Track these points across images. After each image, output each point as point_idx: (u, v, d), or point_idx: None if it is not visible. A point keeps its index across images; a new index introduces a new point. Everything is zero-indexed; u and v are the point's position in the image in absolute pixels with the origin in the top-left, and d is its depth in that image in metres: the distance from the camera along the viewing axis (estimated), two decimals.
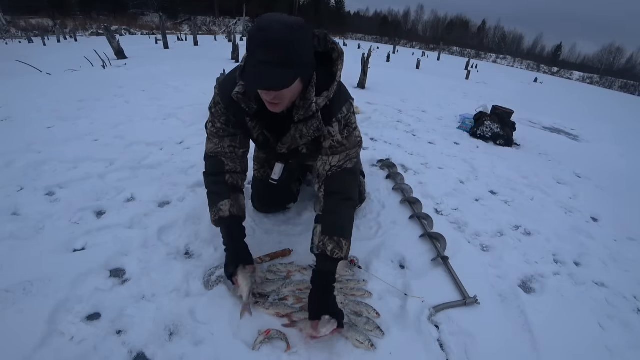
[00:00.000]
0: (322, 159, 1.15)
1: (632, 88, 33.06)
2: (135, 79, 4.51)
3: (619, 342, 1.15)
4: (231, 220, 1.14)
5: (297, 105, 1.05)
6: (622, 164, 3.39)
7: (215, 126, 1.18)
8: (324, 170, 1.14)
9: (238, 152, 1.21)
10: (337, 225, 1.08)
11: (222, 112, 1.15)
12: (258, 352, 0.94)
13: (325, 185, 1.13)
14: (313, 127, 1.08)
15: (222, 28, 29.92)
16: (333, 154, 1.13)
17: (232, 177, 1.19)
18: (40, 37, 13.11)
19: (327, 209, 1.10)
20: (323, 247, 1.05)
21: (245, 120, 1.14)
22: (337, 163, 1.13)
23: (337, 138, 1.12)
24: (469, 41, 55.67)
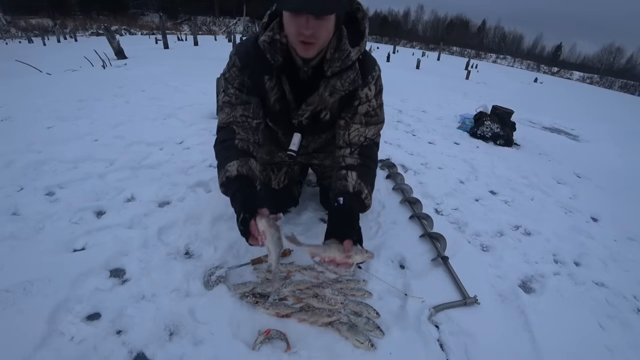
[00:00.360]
0: (358, 130, 1.15)
1: (632, 88, 33.08)
2: (135, 79, 4.51)
3: (619, 342, 1.15)
4: (240, 179, 1.02)
5: (331, 59, 1.02)
6: (622, 163, 3.39)
7: (227, 93, 1.12)
8: (358, 140, 1.15)
9: (251, 122, 1.12)
10: (371, 178, 1.14)
11: (236, 75, 1.09)
12: (258, 352, 0.94)
13: (360, 150, 1.15)
14: (349, 80, 1.06)
15: (222, 28, 29.93)
16: (368, 124, 1.15)
17: (243, 142, 1.09)
18: (40, 37, 13.13)
19: (362, 163, 1.13)
20: (360, 188, 1.07)
21: (263, 81, 1.09)
22: (372, 136, 1.18)
23: (373, 103, 1.14)
24: (469, 41, 55.66)
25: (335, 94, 1.08)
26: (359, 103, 1.12)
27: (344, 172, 1.11)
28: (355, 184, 1.08)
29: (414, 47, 44.30)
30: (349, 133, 1.15)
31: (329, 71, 1.04)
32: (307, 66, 1.05)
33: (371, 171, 1.16)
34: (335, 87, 1.07)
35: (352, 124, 1.15)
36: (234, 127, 1.10)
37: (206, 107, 3.19)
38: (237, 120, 1.11)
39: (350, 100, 1.12)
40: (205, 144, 2.34)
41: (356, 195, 1.07)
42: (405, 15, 68.31)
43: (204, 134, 2.56)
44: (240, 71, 1.09)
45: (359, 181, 1.08)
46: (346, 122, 1.16)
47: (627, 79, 39.16)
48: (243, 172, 1.03)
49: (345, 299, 1.12)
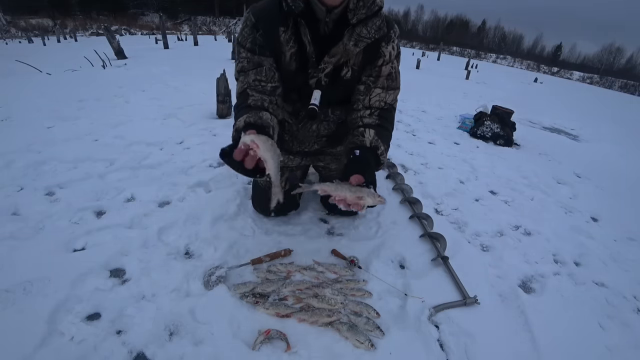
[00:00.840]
0: (379, 95, 1.16)
1: (632, 88, 33.07)
2: (135, 79, 4.51)
3: (619, 342, 1.15)
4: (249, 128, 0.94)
5: (355, 7, 1.01)
6: (622, 163, 3.38)
7: (240, 58, 1.10)
8: (379, 105, 1.17)
9: (265, 86, 1.09)
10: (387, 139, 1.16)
11: (248, 34, 1.07)
12: (258, 352, 0.94)
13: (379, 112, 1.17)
14: (375, 27, 1.06)
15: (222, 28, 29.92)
16: (389, 89, 1.17)
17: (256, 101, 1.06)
18: (40, 37, 13.12)
19: (381, 124, 1.14)
20: (377, 143, 1.08)
21: (277, 34, 1.05)
22: (391, 101, 1.20)
23: (395, 65, 1.17)
24: (469, 41, 55.68)
25: (361, 43, 1.06)
26: (383, 63, 1.13)
27: (361, 130, 1.11)
28: (373, 140, 1.08)
29: (414, 47, 44.29)
30: (369, 98, 1.16)
31: (355, 19, 1.03)
32: (329, 17, 1.03)
33: (388, 133, 1.18)
34: (361, 35, 1.05)
35: (374, 88, 1.15)
36: (248, 91, 1.08)
37: (206, 107, 3.19)
38: (251, 85, 1.09)
39: (374, 57, 1.12)
40: (206, 144, 2.34)
41: (373, 150, 1.07)
42: (405, 15, 68.33)
43: (204, 134, 2.56)
44: (253, 28, 1.07)
45: (376, 138, 1.09)
46: (367, 86, 1.16)
47: (627, 79, 39.16)
48: (251, 120, 0.97)
49: (345, 299, 1.13)
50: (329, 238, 1.46)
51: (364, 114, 1.16)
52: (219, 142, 2.40)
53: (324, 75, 1.13)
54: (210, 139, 2.44)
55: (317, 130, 1.36)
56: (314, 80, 1.14)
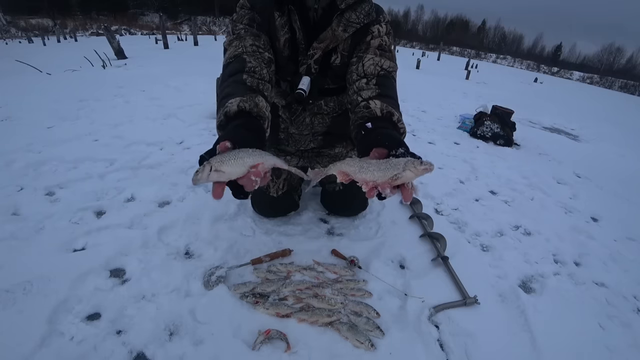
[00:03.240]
0: (372, 59, 1.04)
1: (632, 88, 33.08)
2: (135, 79, 4.52)
3: (619, 342, 1.15)
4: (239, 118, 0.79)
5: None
6: (622, 164, 3.39)
7: (235, 29, 1.04)
8: (374, 70, 1.04)
9: (263, 54, 1.01)
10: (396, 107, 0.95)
11: (246, 13, 1.05)
12: (258, 352, 0.94)
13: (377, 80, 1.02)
14: (364, 12, 1.05)
15: (222, 28, 29.92)
16: (382, 56, 1.06)
17: (252, 77, 0.92)
18: (40, 37, 13.12)
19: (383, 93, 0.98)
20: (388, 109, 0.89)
21: (273, 18, 1.05)
22: (388, 67, 1.06)
23: (386, 39, 1.09)
24: (469, 41, 55.66)
25: (350, 28, 1.05)
26: (372, 37, 1.07)
27: (364, 104, 0.94)
28: (383, 107, 0.90)
29: (414, 47, 44.30)
30: (362, 64, 1.04)
31: (344, 4, 1.02)
32: (317, 4, 1.04)
33: (395, 101, 1.00)
34: (350, 20, 1.04)
35: (365, 55, 1.05)
36: (244, 57, 0.97)
37: (206, 107, 3.19)
38: (248, 50, 0.99)
39: (363, 37, 1.09)
40: (206, 144, 2.34)
41: (387, 118, 0.88)
42: (405, 15, 68.36)
43: (204, 134, 2.56)
44: (251, 9, 1.05)
45: (385, 104, 0.91)
46: (359, 57, 1.07)
47: (627, 79, 39.16)
48: (245, 107, 0.80)
49: (345, 299, 1.13)
50: (329, 238, 1.46)
51: (360, 84, 1.02)
52: None
53: (313, 62, 1.11)
54: (210, 139, 2.44)
55: (312, 124, 1.33)
56: (303, 68, 1.12)
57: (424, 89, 6.33)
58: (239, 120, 0.78)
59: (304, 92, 1.06)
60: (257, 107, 0.82)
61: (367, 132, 0.82)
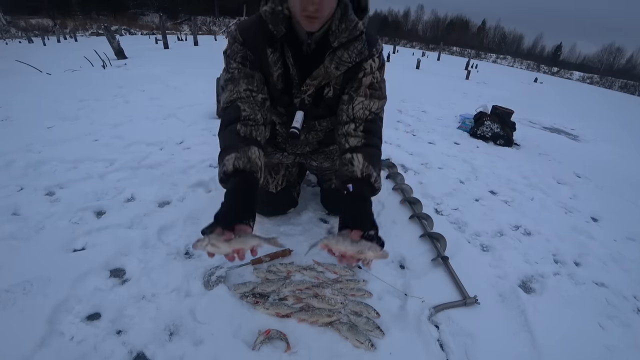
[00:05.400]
0: (362, 102, 1.10)
1: (632, 88, 33.09)
2: (135, 79, 4.52)
3: (619, 342, 1.15)
4: (236, 175, 0.93)
5: (336, 30, 1.01)
6: (622, 164, 3.39)
7: (229, 69, 1.07)
8: (363, 114, 1.10)
9: (257, 97, 1.06)
10: (378, 159, 1.07)
11: (239, 49, 1.06)
12: (258, 352, 0.94)
13: (365, 126, 1.10)
14: (356, 51, 1.05)
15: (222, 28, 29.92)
16: (372, 97, 1.11)
17: (246, 126, 1.01)
18: (40, 37, 13.12)
19: (367, 143, 1.07)
20: (368, 171, 1.01)
21: (266, 54, 1.06)
22: (376, 110, 1.13)
23: (377, 76, 1.11)
24: (469, 41, 55.66)
25: (342, 66, 1.06)
26: (364, 75, 1.10)
27: (349, 156, 1.05)
28: (363, 168, 1.02)
29: (414, 47, 44.30)
30: (352, 107, 1.10)
31: (336, 42, 1.02)
32: (310, 39, 1.04)
33: (377, 151, 1.10)
34: (342, 59, 1.05)
35: (356, 97, 1.10)
36: (239, 104, 1.04)
37: (206, 107, 3.19)
38: (242, 96, 1.05)
39: (355, 74, 1.10)
40: (205, 144, 2.34)
41: (365, 180, 1.01)
42: (405, 15, 68.38)
43: (204, 134, 2.56)
44: (243, 45, 1.06)
45: (366, 164, 1.02)
46: (350, 96, 1.12)
47: (627, 79, 39.17)
48: (240, 165, 0.93)
49: (345, 299, 1.13)
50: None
51: (348, 129, 1.10)
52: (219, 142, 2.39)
53: (307, 96, 1.14)
54: (210, 139, 2.44)
55: (306, 139, 1.37)
56: (297, 100, 1.15)
57: (424, 89, 6.33)
58: (236, 177, 0.93)
59: (298, 130, 1.14)
60: (250, 162, 0.95)
61: (348, 196, 0.99)
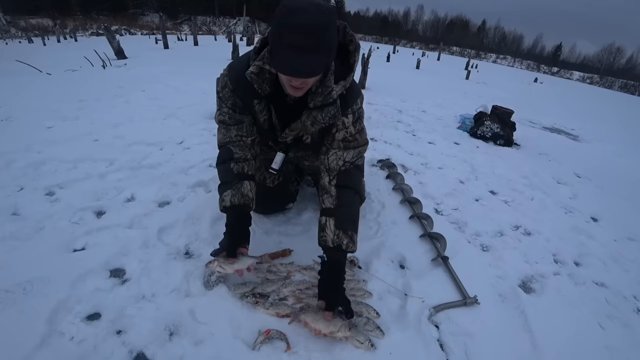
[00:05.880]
0: (336, 154, 1.15)
1: (632, 88, 33.06)
2: (135, 79, 4.51)
3: (619, 342, 1.15)
4: (232, 210, 1.13)
5: (314, 92, 1.03)
6: (622, 164, 3.38)
7: (222, 112, 1.17)
8: (336, 165, 1.15)
9: (246, 140, 1.19)
10: (350, 220, 1.12)
11: (229, 96, 1.14)
12: (258, 352, 0.94)
13: (338, 179, 1.14)
14: (329, 115, 1.08)
15: (222, 28, 29.93)
16: (346, 148, 1.15)
17: (238, 164, 1.17)
18: (40, 37, 13.13)
19: (340, 203, 1.12)
20: (338, 240, 1.07)
21: (253, 103, 1.13)
22: (351, 159, 1.17)
23: (350, 130, 1.15)
24: (469, 41, 55.66)
25: (316, 125, 1.11)
26: (337, 130, 1.14)
27: (323, 221, 1.11)
28: (334, 237, 1.07)
29: (414, 47, 44.29)
30: (327, 158, 1.16)
31: (312, 104, 1.06)
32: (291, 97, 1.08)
33: (351, 210, 1.14)
34: (316, 119, 1.09)
35: (330, 149, 1.16)
36: (231, 147, 1.17)
37: (206, 107, 3.19)
38: (233, 141, 1.18)
39: (330, 128, 1.15)
40: (206, 144, 2.34)
41: (337, 248, 1.07)
42: (405, 15, 68.33)
43: (204, 134, 2.56)
44: (233, 92, 1.13)
45: (337, 231, 1.07)
46: (326, 147, 1.18)
47: (627, 79, 39.15)
48: (235, 202, 1.12)
49: None
50: None
51: (324, 183, 1.16)
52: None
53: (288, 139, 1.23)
54: (210, 139, 2.44)
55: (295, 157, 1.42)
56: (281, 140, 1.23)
57: (424, 89, 6.33)
58: (233, 211, 1.13)
59: (276, 171, 1.29)
60: (243, 197, 1.14)
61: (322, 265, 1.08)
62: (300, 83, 0.92)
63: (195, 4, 33.31)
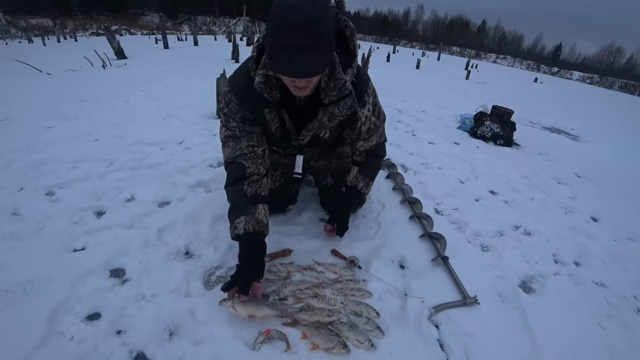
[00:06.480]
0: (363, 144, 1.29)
1: (632, 88, 33.05)
2: (135, 79, 4.51)
3: (619, 342, 1.15)
4: (246, 238, 1.07)
5: (326, 87, 1.02)
6: (622, 164, 3.38)
7: (229, 127, 1.11)
8: (364, 148, 1.31)
9: (257, 151, 1.13)
10: (370, 170, 1.36)
11: (237, 110, 1.09)
12: (258, 352, 0.94)
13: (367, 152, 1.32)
14: (346, 106, 1.08)
15: (222, 28, 29.93)
16: (371, 136, 1.26)
17: (251, 185, 1.10)
18: (40, 37, 13.12)
19: (367, 162, 1.34)
20: (356, 182, 1.33)
21: (263, 114, 1.09)
22: (377, 141, 1.32)
23: (373, 120, 1.21)
24: (469, 41, 55.65)
25: (334, 119, 1.11)
26: (361, 125, 1.19)
27: (351, 166, 1.36)
28: (353, 179, 1.33)
29: (414, 47, 44.29)
30: (357, 147, 1.32)
31: (326, 99, 1.05)
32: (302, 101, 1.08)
33: (372, 166, 1.36)
34: (333, 114, 1.09)
35: (357, 141, 1.29)
36: (242, 162, 1.10)
37: (206, 107, 3.19)
38: (244, 153, 1.11)
39: (352, 121, 1.16)
40: (206, 144, 2.34)
41: (353, 187, 1.34)
42: (405, 15, 68.35)
43: (204, 134, 2.56)
44: (240, 106, 1.09)
45: (359, 176, 1.33)
46: (352, 141, 1.31)
47: (627, 79, 39.15)
48: (250, 229, 1.06)
49: (345, 299, 1.13)
50: (329, 238, 1.46)
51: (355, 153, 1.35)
52: (219, 142, 2.39)
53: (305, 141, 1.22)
54: (210, 139, 2.44)
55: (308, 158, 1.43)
56: (297, 143, 1.22)
57: (424, 89, 6.33)
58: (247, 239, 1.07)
59: (301, 174, 1.32)
60: (259, 224, 1.08)
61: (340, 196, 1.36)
62: (305, 83, 0.90)
63: (195, 4, 33.31)
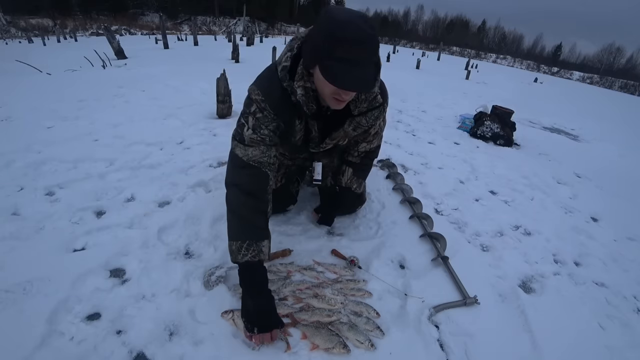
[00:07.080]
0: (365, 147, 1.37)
1: (632, 88, 33.05)
2: (135, 79, 4.51)
3: (619, 342, 1.15)
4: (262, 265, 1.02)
5: (356, 99, 1.07)
6: (622, 164, 3.38)
7: (260, 133, 1.05)
8: (365, 149, 1.38)
9: (277, 162, 1.13)
10: (363, 172, 1.45)
11: (272, 119, 1.05)
12: (258, 352, 0.94)
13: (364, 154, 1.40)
14: (373, 117, 1.15)
15: (222, 28, 29.93)
16: (374, 139, 1.35)
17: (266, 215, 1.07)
18: (40, 37, 13.12)
19: (362, 163, 1.42)
20: (350, 183, 1.41)
21: (294, 124, 1.11)
22: (377, 143, 1.41)
23: (381, 126, 1.31)
24: (469, 41, 55.65)
25: (359, 129, 1.19)
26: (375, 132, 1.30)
27: (344, 167, 1.41)
28: (347, 180, 1.41)
29: (414, 47, 44.29)
30: (357, 148, 1.38)
31: (356, 111, 1.10)
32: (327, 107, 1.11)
33: (366, 167, 1.46)
34: (360, 124, 1.17)
35: (361, 142, 1.35)
36: (268, 172, 1.07)
37: (206, 107, 3.19)
38: (271, 162, 1.08)
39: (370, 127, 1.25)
40: (206, 144, 2.34)
41: (347, 188, 1.42)
42: (405, 15, 68.32)
43: (204, 134, 2.56)
44: (277, 115, 1.05)
45: (353, 177, 1.40)
46: (356, 141, 1.35)
47: (627, 79, 39.15)
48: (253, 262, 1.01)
49: (345, 299, 1.13)
50: (329, 238, 1.46)
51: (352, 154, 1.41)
52: (219, 142, 2.40)
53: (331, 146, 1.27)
54: (210, 139, 2.44)
55: None
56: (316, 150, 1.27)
57: (424, 89, 6.33)
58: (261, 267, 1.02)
59: (320, 181, 1.38)
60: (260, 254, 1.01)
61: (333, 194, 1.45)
62: (349, 96, 0.94)
63: (195, 4, 33.30)
